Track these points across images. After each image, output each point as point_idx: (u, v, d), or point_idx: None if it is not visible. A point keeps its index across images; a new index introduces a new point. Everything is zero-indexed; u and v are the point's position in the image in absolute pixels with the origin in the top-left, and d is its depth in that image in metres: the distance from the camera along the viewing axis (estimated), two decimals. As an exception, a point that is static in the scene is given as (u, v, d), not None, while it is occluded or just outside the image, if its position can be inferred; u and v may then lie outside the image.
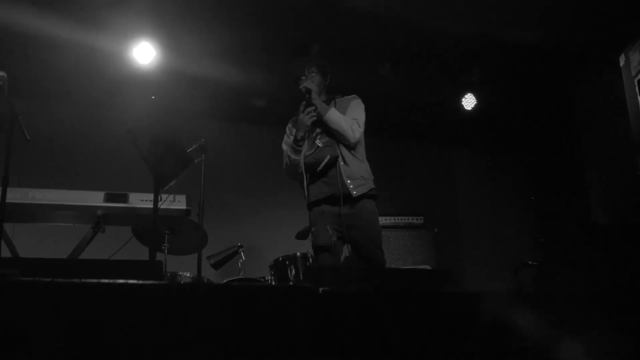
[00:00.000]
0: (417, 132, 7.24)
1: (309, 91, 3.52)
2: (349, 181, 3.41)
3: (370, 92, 4.05)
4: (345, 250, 3.53)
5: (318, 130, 3.58)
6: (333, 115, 3.49)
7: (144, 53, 5.22)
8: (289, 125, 3.76)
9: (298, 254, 4.41)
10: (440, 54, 5.72)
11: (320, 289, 1.45)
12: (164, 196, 3.52)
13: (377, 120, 4.16)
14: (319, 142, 3.52)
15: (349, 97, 3.76)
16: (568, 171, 6.68)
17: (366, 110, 3.69)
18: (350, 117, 3.55)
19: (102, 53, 5.20)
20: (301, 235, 4.76)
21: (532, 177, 7.47)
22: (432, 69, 5.94)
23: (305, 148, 3.51)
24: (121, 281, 1.28)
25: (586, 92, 6.17)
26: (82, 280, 1.28)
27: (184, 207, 3.66)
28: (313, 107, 3.49)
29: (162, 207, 3.44)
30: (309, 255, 4.44)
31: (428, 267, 5.63)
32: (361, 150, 3.61)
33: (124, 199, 3.56)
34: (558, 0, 4.83)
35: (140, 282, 1.30)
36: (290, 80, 3.72)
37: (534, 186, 7.37)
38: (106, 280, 1.29)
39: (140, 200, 3.57)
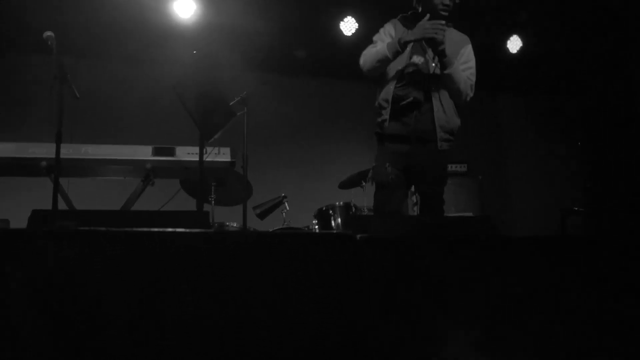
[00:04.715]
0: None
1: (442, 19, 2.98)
2: (440, 131, 3.07)
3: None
4: None
5: (417, 60, 3.11)
6: (457, 69, 3.06)
7: (185, 7, 5.33)
8: (388, 25, 3.24)
9: (341, 203, 4.49)
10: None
11: (358, 236, 1.49)
12: (208, 149, 3.58)
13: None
14: (408, 77, 3.10)
15: (461, 35, 3.22)
16: (619, 116, 6.45)
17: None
18: (467, 71, 3.15)
19: (143, 7, 5.27)
20: (344, 185, 4.81)
21: (580, 122, 7.25)
22: (475, 10, 5.76)
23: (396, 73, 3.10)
24: (170, 230, 1.36)
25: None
26: (134, 229, 1.36)
27: (228, 159, 3.72)
28: (442, 24, 2.94)
29: (207, 159, 3.50)
30: (352, 205, 4.51)
31: (470, 215, 5.61)
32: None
33: (171, 152, 3.64)
34: None
35: (188, 230, 1.38)
36: None
37: (582, 131, 7.16)
38: (157, 229, 1.37)
39: (187, 154, 3.65)
